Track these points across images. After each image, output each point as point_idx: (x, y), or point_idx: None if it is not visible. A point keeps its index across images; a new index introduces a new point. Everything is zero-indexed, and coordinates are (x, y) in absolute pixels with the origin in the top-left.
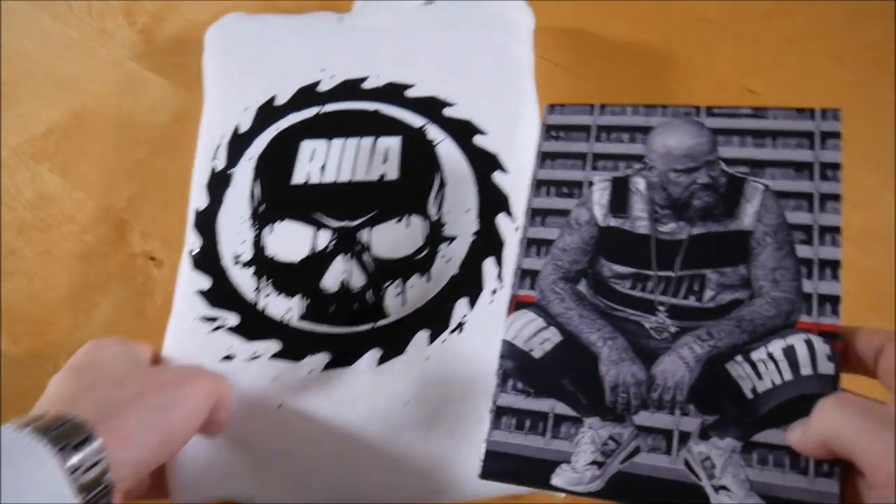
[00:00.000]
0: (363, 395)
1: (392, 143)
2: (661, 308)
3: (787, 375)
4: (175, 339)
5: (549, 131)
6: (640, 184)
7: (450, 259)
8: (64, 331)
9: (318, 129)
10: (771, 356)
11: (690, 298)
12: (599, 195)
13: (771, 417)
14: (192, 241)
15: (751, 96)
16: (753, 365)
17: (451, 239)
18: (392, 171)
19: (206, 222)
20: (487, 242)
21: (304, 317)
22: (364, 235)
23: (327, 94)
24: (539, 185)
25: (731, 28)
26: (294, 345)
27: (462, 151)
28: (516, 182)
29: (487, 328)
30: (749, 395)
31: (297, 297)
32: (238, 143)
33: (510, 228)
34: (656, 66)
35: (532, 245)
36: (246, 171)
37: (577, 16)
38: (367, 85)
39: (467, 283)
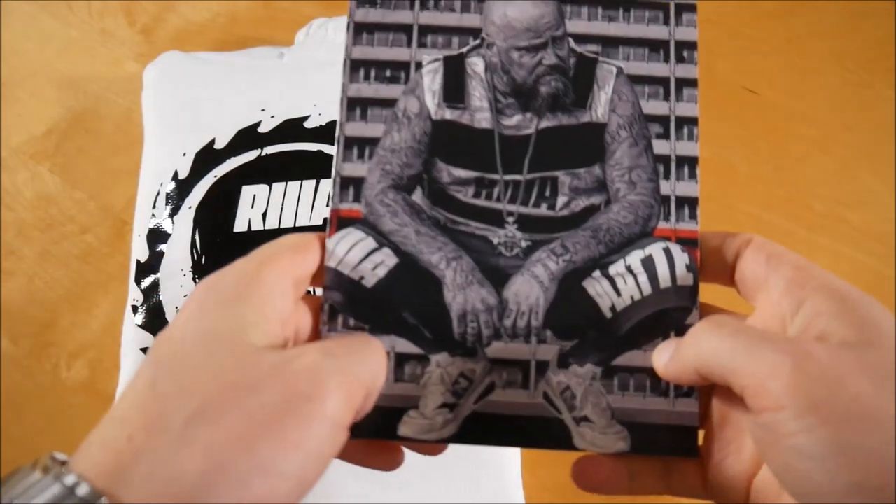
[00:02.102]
0: None
1: None
2: (509, 219)
3: (647, 290)
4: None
5: None
6: (477, 65)
7: None
8: (64, 331)
9: (259, 173)
10: (629, 269)
11: (542, 206)
12: (430, 80)
13: (631, 337)
14: (134, 296)
15: (751, 96)
16: (612, 280)
17: None
18: None
19: (148, 276)
20: None
21: None
22: None
23: (268, 136)
24: (355, 66)
25: (731, 28)
26: None
27: None
28: None
29: None
30: (608, 314)
31: None
32: (177, 191)
33: None
34: None
35: (352, 145)
36: (186, 221)
37: None
38: (308, 124)
39: None
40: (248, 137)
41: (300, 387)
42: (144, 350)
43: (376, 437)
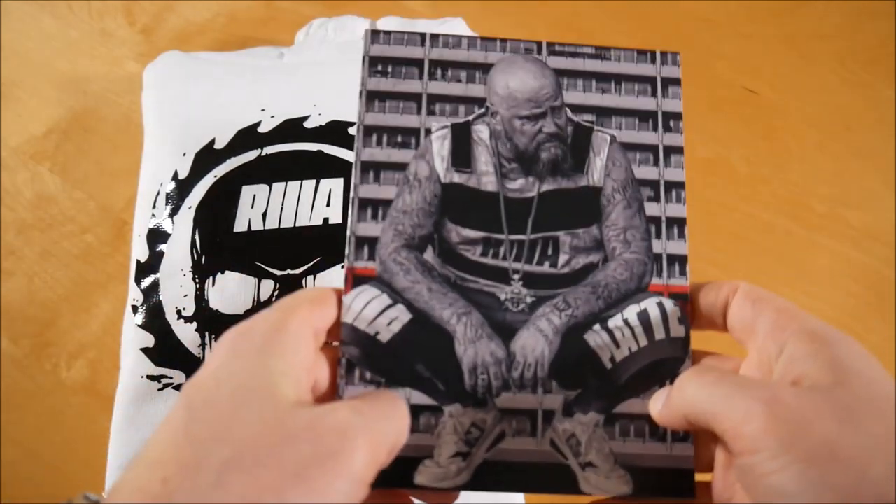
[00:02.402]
0: None
1: (335, 185)
2: (515, 276)
3: (643, 341)
4: (126, 395)
5: (375, 65)
6: (483, 132)
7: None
8: (64, 331)
9: (259, 174)
10: (626, 322)
11: (545, 264)
12: (439, 146)
13: (630, 386)
14: (134, 295)
15: (751, 96)
16: (611, 333)
17: None
18: (336, 215)
19: (148, 276)
20: None
21: None
22: (308, 283)
23: (268, 136)
24: (368, 132)
25: (731, 28)
26: None
27: None
28: None
29: None
30: (608, 364)
31: None
32: (177, 191)
33: None
34: None
35: (366, 206)
36: (186, 221)
37: (577, 15)
38: (308, 124)
39: None
40: (248, 137)
41: (330, 443)
42: (144, 350)
43: (394, 486)
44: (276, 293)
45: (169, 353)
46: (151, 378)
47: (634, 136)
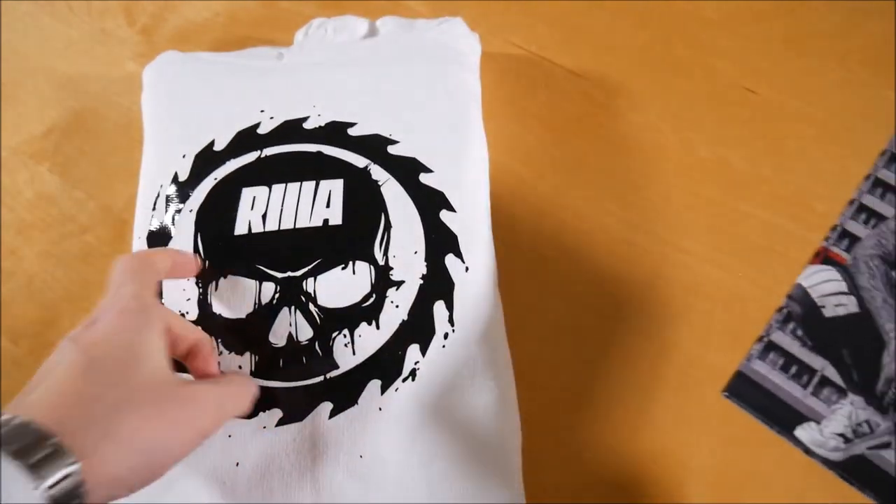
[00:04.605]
0: (318, 451)
1: (335, 186)
2: None
3: None
4: None
5: None
6: None
7: (398, 305)
8: (64, 331)
9: (259, 175)
10: None
11: None
12: None
13: None
14: None
15: (751, 96)
16: None
17: (399, 284)
18: (336, 216)
19: None
20: (436, 285)
21: (254, 373)
22: (309, 285)
23: (267, 137)
24: (893, 158)
25: (731, 28)
26: None
27: (407, 191)
28: (464, 220)
29: (441, 375)
30: None
31: (246, 354)
32: (177, 194)
33: (459, 269)
34: (656, 66)
35: (863, 211)
36: (187, 224)
37: (577, 15)
38: (308, 125)
39: (417, 329)
40: (247, 139)
41: (191, 404)
42: None
43: (771, 424)
44: (276, 295)
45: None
46: None
47: None
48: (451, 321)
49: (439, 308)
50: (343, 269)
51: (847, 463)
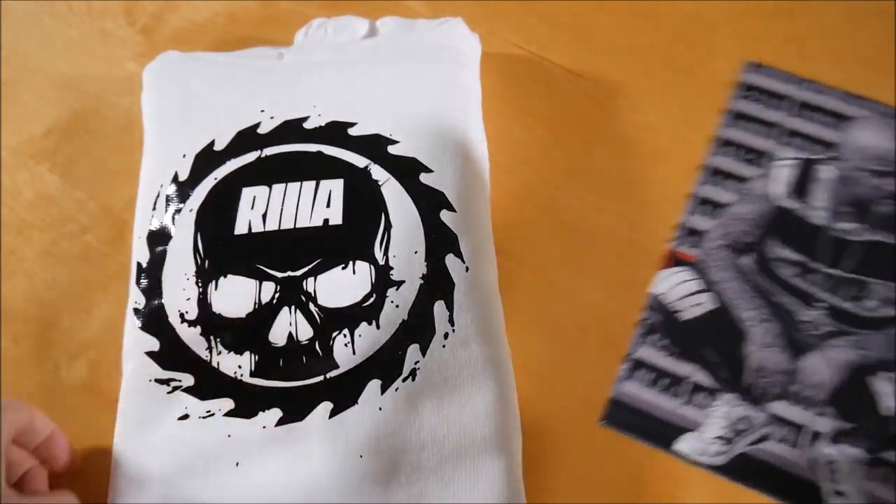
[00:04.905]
0: (318, 450)
1: (335, 186)
2: (821, 305)
3: None
4: (131, 400)
5: (746, 90)
6: (826, 172)
7: (399, 304)
8: (64, 331)
9: (259, 175)
10: None
11: (851, 303)
12: (784, 173)
13: None
14: (136, 298)
15: None
16: None
17: (399, 283)
18: (336, 216)
19: (150, 279)
20: (436, 285)
21: (254, 373)
22: (309, 285)
23: (268, 137)
24: (723, 144)
25: (731, 28)
26: (246, 402)
27: (407, 191)
28: (465, 220)
29: (441, 375)
30: (883, 411)
31: (246, 354)
32: (177, 194)
33: (460, 269)
34: (657, 66)
35: (702, 204)
36: (187, 224)
37: (577, 15)
38: (308, 125)
39: (418, 329)
40: (247, 139)
41: None
42: (150, 354)
43: (652, 443)
44: (276, 295)
45: (176, 358)
46: (160, 381)
47: None
48: (451, 321)
49: (439, 308)
50: (343, 268)
51: (732, 465)
